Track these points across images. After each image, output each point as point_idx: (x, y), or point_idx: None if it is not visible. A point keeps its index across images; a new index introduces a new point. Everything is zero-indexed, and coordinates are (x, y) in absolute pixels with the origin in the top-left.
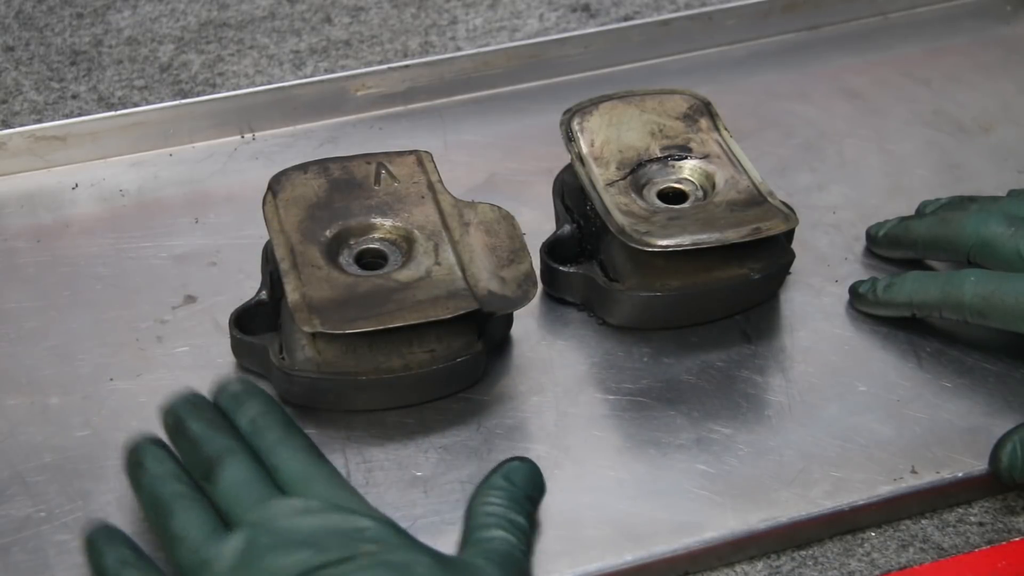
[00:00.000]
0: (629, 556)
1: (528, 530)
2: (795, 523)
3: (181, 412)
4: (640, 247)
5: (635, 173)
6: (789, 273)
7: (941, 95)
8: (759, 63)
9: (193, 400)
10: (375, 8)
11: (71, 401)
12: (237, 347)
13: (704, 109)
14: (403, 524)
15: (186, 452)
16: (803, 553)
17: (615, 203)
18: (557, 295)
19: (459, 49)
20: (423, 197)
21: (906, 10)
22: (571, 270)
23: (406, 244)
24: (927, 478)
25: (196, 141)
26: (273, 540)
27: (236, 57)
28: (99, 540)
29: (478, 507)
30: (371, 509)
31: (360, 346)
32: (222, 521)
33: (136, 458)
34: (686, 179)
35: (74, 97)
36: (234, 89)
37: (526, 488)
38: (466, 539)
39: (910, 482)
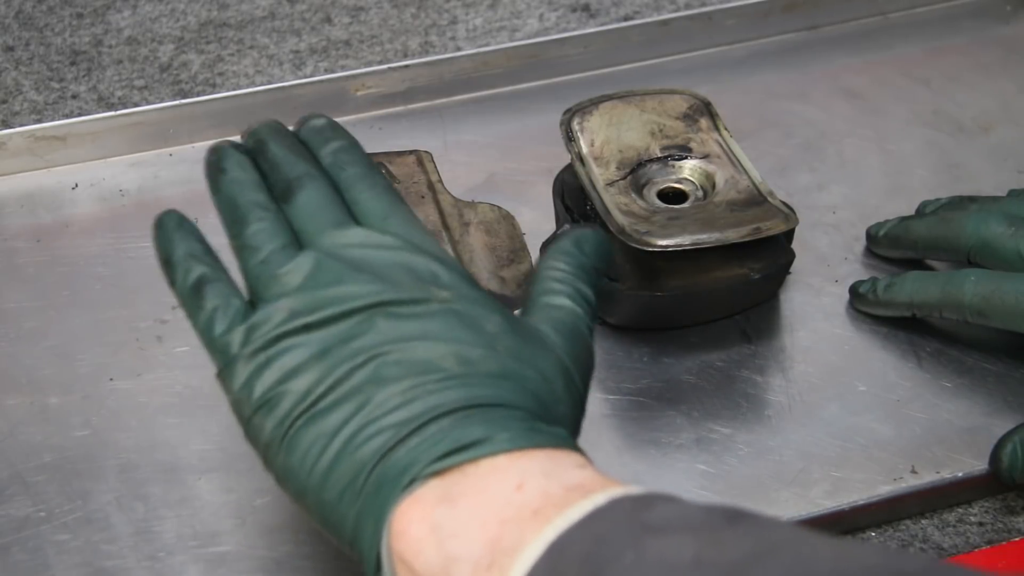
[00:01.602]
0: None
1: (594, 303)
2: (795, 523)
3: (264, 134)
4: (640, 247)
5: (635, 173)
6: (789, 273)
7: (941, 95)
8: (759, 63)
9: (276, 126)
10: (375, 8)
11: (71, 401)
12: None
13: (704, 109)
14: None
15: (266, 173)
16: None
17: (615, 203)
18: None
19: (459, 49)
20: (423, 197)
21: (906, 10)
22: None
23: None
24: (927, 478)
25: (196, 141)
26: (344, 267)
27: (236, 57)
28: (169, 227)
29: (546, 271)
30: (445, 255)
31: None
32: (296, 241)
33: (217, 160)
34: (686, 179)
35: (74, 97)
36: (234, 89)
37: (594, 258)
38: (532, 302)
39: (910, 482)
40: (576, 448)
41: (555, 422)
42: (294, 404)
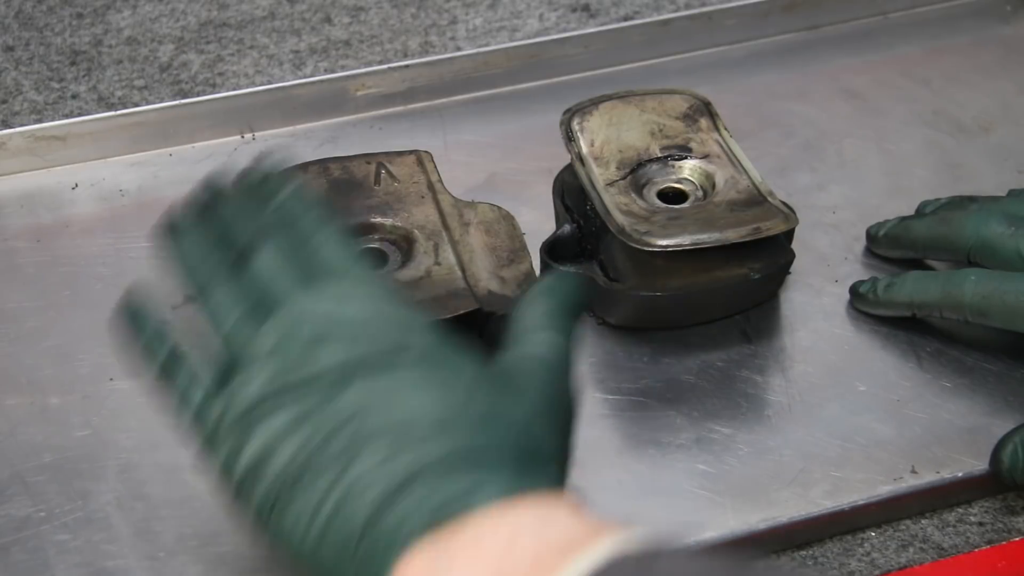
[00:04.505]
0: None
1: (571, 341)
2: (795, 523)
3: (212, 197)
4: (640, 247)
5: (635, 173)
6: (789, 273)
7: (941, 95)
8: (759, 63)
9: (221, 188)
10: (375, 8)
11: (71, 401)
12: None
13: (704, 109)
14: None
15: (219, 236)
16: (803, 553)
17: (615, 203)
18: None
19: (459, 49)
20: (423, 197)
21: (906, 10)
22: (571, 270)
23: (406, 244)
24: (927, 478)
25: (196, 141)
26: (314, 327)
27: (236, 57)
28: (126, 323)
29: (523, 314)
30: (409, 305)
31: None
32: (264, 302)
33: (174, 223)
34: (686, 179)
35: (74, 97)
36: (234, 89)
37: (572, 298)
38: (512, 342)
39: (910, 482)
40: (566, 488)
41: (542, 461)
42: (280, 473)
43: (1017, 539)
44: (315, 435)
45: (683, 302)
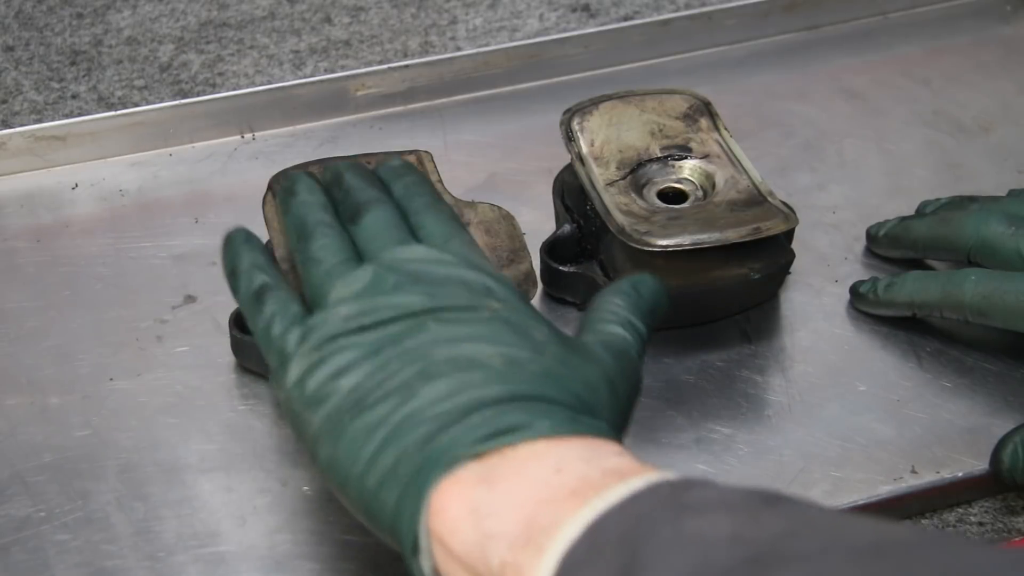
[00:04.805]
0: None
1: (646, 338)
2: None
3: (342, 168)
4: (640, 247)
5: (635, 173)
6: (789, 273)
7: (941, 95)
8: (759, 63)
9: (354, 162)
10: (375, 8)
11: (71, 401)
12: (237, 346)
13: (704, 109)
14: None
15: (339, 200)
16: None
17: (615, 203)
18: (557, 295)
19: (459, 49)
20: None
21: (906, 10)
22: (571, 270)
23: None
24: (927, 478)
25: (196, 141)
26: (401, 277)
27: (236, 57)
28: (237, 241)
29: (601, 303)
30: (503, 275)
31: None
32: (359, 257)
33: (290, 185)
34: (686, 179)
35: (74, 97)
36: (234, 89)
37: (651, 300)
38: (586, 326)
39: (910, 482)
40: (616, 439)
41: (597, 418)
42: (343, 398)
43: (1017, 539)
44: (383, 368)
45: (683, 302)
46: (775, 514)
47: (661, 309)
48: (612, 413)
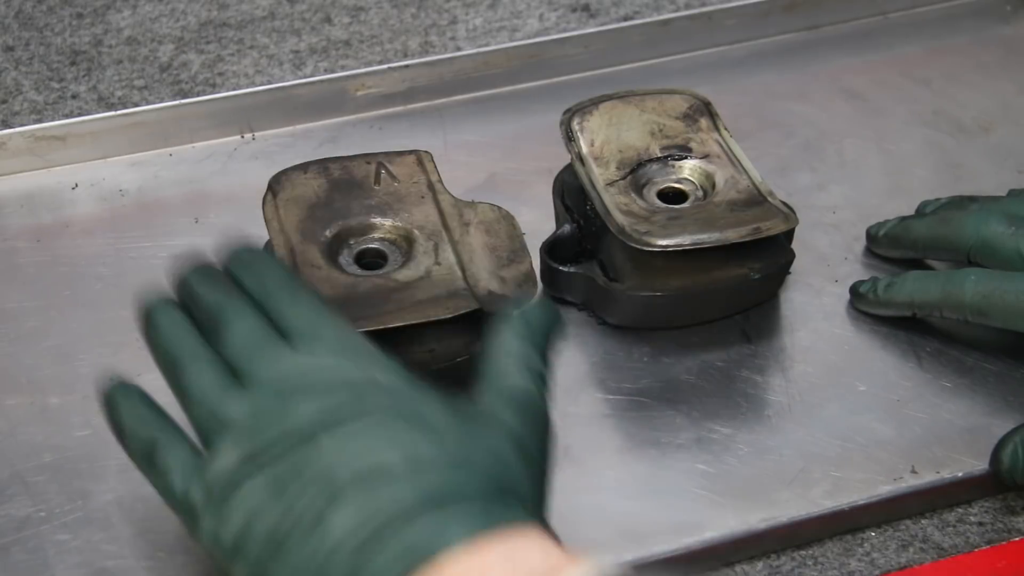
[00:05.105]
0: (629, 556)
1: (547, 375)
2: (795, 523)
3: (188, 279)
4: (640, 247)
5: (635, 173)
6: (789, 273)
7: (941, 95)
8: (759, 63)
9: (201, 269)
10: (375, 8)
11: (71, 401)
12: None
13: (704, 109)
14: None
15: (196, 317)
16: (803, 553)
17: (615, 203)
18: (557, 295)
19: (459, 49)
20: (423, 197)
21: (906, 10)
22: (571, 270)
23: (406, 244)
24: (927, 478)
25: (196, 141)
26: (284, 397)
27: (236, 57)
28: (114, 397)
29: (496, 348)
30: (383, 358)
31: None
32: (235, 377)
33: (147, 315)
34: (686, 179)
35: (74, 97)
36: (234, 89)
37: (544, 327)
38: (485, 381)
39: (910, 482)
40: (537, 523)
41: (514, 498)
42: (262, 547)
43: (1017, 539)
44: (287, 494)
45: (683, 302)
46: None
47: (557, 330)
48: (529, 481)
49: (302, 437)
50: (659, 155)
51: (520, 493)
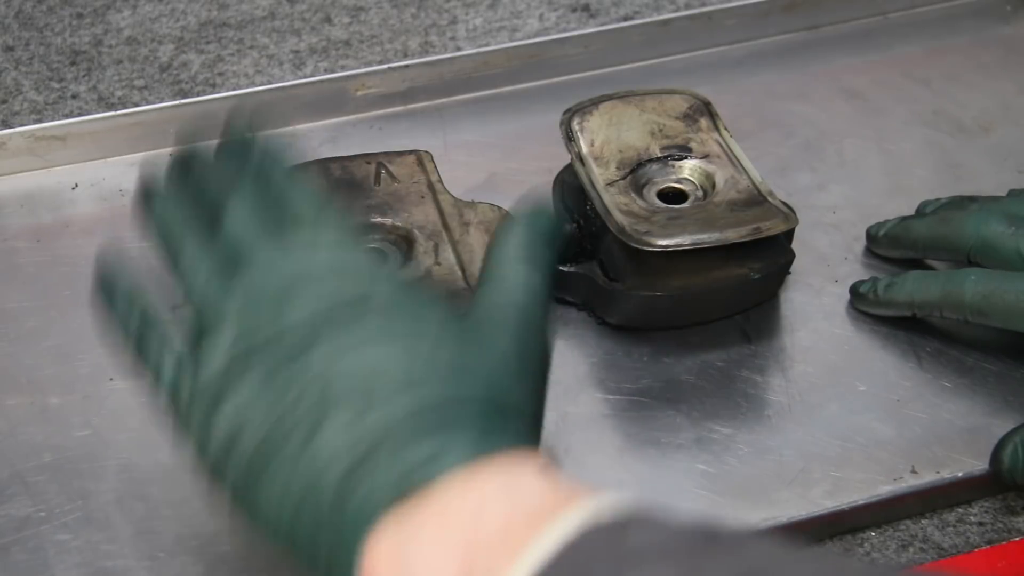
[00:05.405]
0: None
1: (548, 280)
2: (795, 523)
3: (187, 155)
4: (640, 247)
5: (635, 173)
6: (789, 273)
7: (941, 95)
8: (759, 63)
9: (197, 152)
10: (375, 8)
11: (71, 401)
12: None
13: (704, 109)
14: None
15: (194, 196)
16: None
17: (615, 203)
18: (557, 295)
19: (459, 49)
20: (423, 197)
21: (906, 10)
22: (571, 270)
23: (406, 244)
24: (927, 478)
25: (196, 141)
26: (280, 281)
27: (236, 57)
28: (111, 279)
29: (499, 242)
30: (378, 253)
31: None
32: (234, 259)
33: (144, 195)
34: (686, 179)
35: (74, 97)
36: (234, 89)
37: (548, 233)
38: (485, 277)
39: (910, 482)
40: (534, 443)
41: (512, 414)
42: (251, 449)
43: (1017, 539)
44: (281, 401)
45: (683, 302)
46: (720, 561)
47: (559, 238)
48: (524, 396)
49: (298, 337)
50: (659, 155)
51: (517, 407)
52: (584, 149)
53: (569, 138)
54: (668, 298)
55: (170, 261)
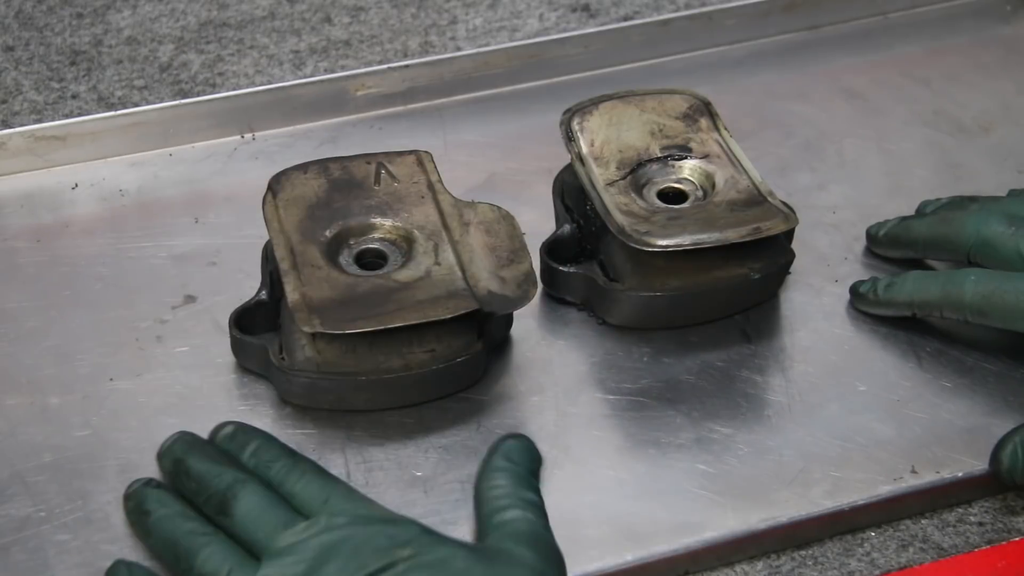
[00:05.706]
0: (629, 556)
1: (541, 505)
2: (795, 523)
3: (179, 452)
4: (640, 247)
5: (635, 173)
6: (789, 273)
7: (941, 95)
8: (759, 63)
9: (190, 440)
10: (375, 8)
11: (71, 401)
12: (237, 347)
13: (704, 109)
14: None
15: (193, 492)
16: (803, 553)
17: (615, 203)
18: (557, 295)
19: (459, 49)
20: (423, 197)
21: (906, 10)
22: (571, 270)
23: (406, 244)
24: (927, 478)
25: (196, 141)
26: (306, 564)
27: (236, 57)
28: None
29: (486, 491)
30: (393, 514)
31: (360, 346)
32: (246, 553)
33: (136, 504)
34: (686, 179)
35: (74, 97)
36: (234, 89)
37: (527, 464)
38: (484, 525)
39: (910, 482)
40: None
41: None
42: None
43: (1017, 539)
44: None
45: (683, 302)
46: None
47: (539, 465)
48: None
49: None
50: (659, 155)
51: None
52: (584, 149)
53: (569, 138)
54: (668, 298)
55: (183, 563)
